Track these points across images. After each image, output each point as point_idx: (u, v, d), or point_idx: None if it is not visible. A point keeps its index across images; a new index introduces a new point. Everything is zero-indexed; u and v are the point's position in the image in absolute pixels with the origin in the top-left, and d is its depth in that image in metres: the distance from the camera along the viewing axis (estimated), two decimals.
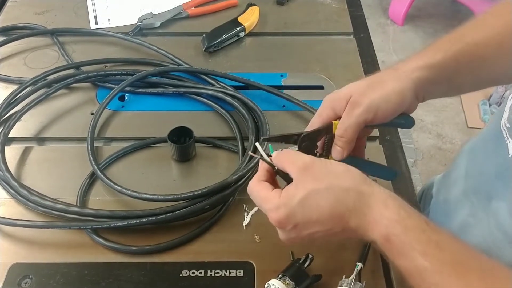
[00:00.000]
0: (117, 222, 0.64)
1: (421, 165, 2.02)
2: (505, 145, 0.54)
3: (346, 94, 0.56)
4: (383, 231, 0.46)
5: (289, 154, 0.52)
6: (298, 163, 0.50)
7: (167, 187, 0.71)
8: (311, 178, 0.49)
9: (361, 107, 0.54)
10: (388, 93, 0.54)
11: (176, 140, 0.74)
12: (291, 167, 0.50)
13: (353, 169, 0.50)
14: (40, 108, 0.81)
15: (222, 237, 0.66)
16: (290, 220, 0.49)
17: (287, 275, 0.58)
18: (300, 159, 0.50)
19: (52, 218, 0.66)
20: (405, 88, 0.55)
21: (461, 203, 0.66)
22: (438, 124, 2.17)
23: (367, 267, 0.61)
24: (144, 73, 0.83)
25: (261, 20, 1.00)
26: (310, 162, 0.50)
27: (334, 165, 0.50)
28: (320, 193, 0.48)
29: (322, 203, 0.48)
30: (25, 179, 0.72)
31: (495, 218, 0.57)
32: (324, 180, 0.48)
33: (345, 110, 0.55)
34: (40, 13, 1.01)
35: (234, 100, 0.80)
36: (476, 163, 0.64)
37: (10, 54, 0.93)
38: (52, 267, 0.62)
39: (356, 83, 0.56)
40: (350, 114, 0.54)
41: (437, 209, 0.75)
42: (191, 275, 0.61)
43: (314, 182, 0.48)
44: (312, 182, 0.48)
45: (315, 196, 0.48)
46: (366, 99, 0.54)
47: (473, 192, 0.63)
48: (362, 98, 0.54)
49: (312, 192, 0.48)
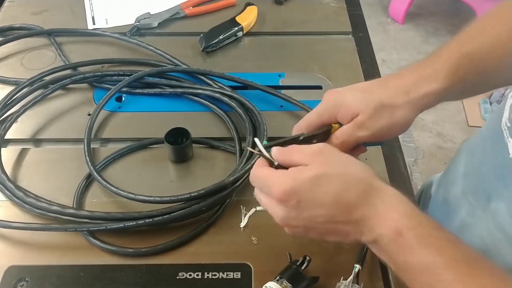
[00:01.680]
0: (113, 224, 0.63)
1: (422, 164, 2.01)
2: (504, 145, 0.54)
3: (354, 109, 0.54)
4: (393, 224, 0.45)
5: (292, 146, 0.50)
6: (307, 150, 0.48)
7: (164, 188, 0.71)
8: (325, 161, 0.47)
9: (366, 132, 0.54)
10: (396, 121, 0.54)
11: (173, 141, 0.73)
12: (300, 155, 0.48)
13: (363, 163, 0.49)
14: (37, 109, 0.81)
15: (219, 239, 0.66)
16: (295, 194, 0.46)
17: (284, 277, 0.57)
18: (307, 147, 0.49)
19: (48, 220, 0.66)
20: (413, 116, 0.55)
21: (460, 203, 0.65)
22: (439, 123, 2.16)
23: (365, 269, 0.61)
24: (141, 74, 0.83)
25: (259, 19, 1.00)
26: (320, 148, 0.49)
27: (345, 155, 0.49)
28: (331, 177, 0.47)
29: (332, 187, 0.46)
30: (22, 181, 0.72)
31: (495, 218, 0.57)
32: (337, 166, 0.47)
33: (348, 124, 0.55)
34: (37, 13, 1.01)
35: (232, 101, 0.80)
36: (475, 162, 0.64)
37: (7, 55, 0.92)
38: (48, 270, 0.61)
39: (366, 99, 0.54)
40: (353, 133, 0.54)
41: (436, 209, 0.75)
42: (188, 277, 0.61)
43: (327, 166, 0.47)
44: (325, 165, 0.47)
45: (326, 179, 0.46)
46: (374, 125, 0.53)
47: (472, 192, 0.63)
48: (370, 122, 0.53)
49: (324, 174, 0.46)
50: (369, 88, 0.56)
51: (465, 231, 0.63)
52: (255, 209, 0.68)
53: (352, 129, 0.54)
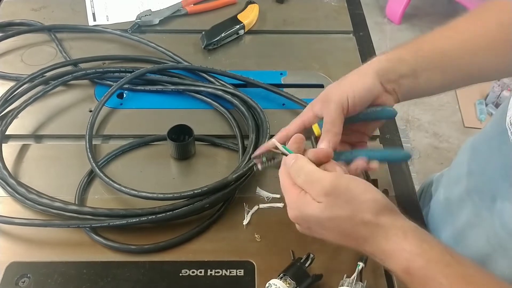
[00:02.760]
0: (116, 221, 0.63)
1: (418, 164, 2.02)
2: (510, 144, 0.54)
3: (321, 96, 0.58)
4: (402, 263, 0.46)
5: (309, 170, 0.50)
6: (319, 186, 0.48)
7: (167, 185, 0.71)
8: (332, 204, 0.47)
9: (332, 102, 0.56)
10: (353, 84, 0.57)
11: (175, 138, 0.73)
12: (314, 186, 0.49)
13: (378, 195, 0.49)
14: (38, 105, 0.80)
15: (222, 236, 0.66)
16: (304, 224, 0.51)
17: (288, 274, 0.57)
18: (322, 179, 0.48)
19: (50, 217, 0.65)
20: (369, 78, 0.57)
21: (463, 202, 0.65)
22: (435, 123, 2.17)
23: (368, 267, 0.61)
24: (143, 71, 0.83)
25: (260, 18, 1.00)
26: (332, 186, 0.48)
27: (359, 189, 0.48)
28: (338, 219, 0.48)
29: (338, 228, 0.49)
30: (23, 177, 0.71)
31: (500, 218, 0.56)
32: (346, 208, 0.47)
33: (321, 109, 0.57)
34: (37, 9, 1.00)
35: (234, 98, 0.80)
36: (479, 161, 0.64)
37: (7, 51, 0.91)
38: (50, 266, 0.61)
39: (329, 86, 0.59)
40: (327, 110, 0.56)
41: (438, 208, 0.75)
42: (191, 275, 0.61)
43: (334, 209, 0.47)
44: (332, 208, 0.47)
45: (333, 221, 0.48)
46: (336, 94, 0.56)
47: (476, 191, 0.63)
48: (332, 95, 0.57)
49: (331, 217, 0.48)
50: None
51: (469, 231, 0.63)
52: (258, 206, 0.68)
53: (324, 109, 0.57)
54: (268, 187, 0.71)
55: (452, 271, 0.44)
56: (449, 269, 0.45)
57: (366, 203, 0.47)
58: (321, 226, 0.49)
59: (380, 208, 0.48)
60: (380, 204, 0.48)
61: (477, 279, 0.44)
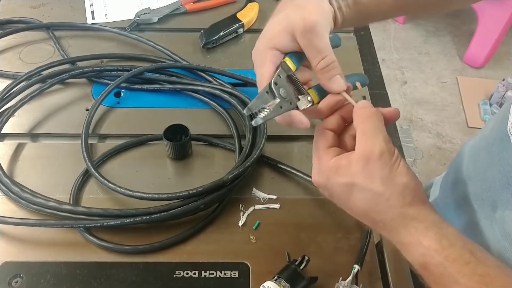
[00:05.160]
0: (110, 221, 0.63)
1: (421, 164, 2.01)
2: (511, 151, 0.52)
3: (285, 28, 0.48)
4: (419, 258, 0.45)
5: (376, 124, 0.46)
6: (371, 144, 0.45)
7: (162, 185, 0.70)
8: (367, 173, 0.45)
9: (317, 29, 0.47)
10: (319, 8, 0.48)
11: (172, 137, 0.72)
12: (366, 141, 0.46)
13: (411, 182, 0.46)
14: (34, 104, 0.80)
15: (217, 237, 0.65)
16: (326, 190, 0.49)
17: (282, 277, 0.57)
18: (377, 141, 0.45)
19: (44, 216, 0.65)
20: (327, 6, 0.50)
21: (461, 209, 0.63)
22: (438, 123, 2.16)
23: (364, 270, 0.60)
24: (141, 69, 0.82)
25: (260, 16, 0.99)
26: (380, 154, 0.45)
27: (399, 171, 0.45)
28: (365, 192, 0.46)
29: (361, 202, 0.46)
30: (18, 176, 0.71)
31: (501, 227, 0.54)
32: (377, 182, 0.45)
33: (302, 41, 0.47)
34: (36, 7, 1.00)
35: (232, 98, 0.79)
36: (479, 168, 0.61)
37: (5, 48, 0.91)
38: (43, 266, 0.61)
39: (279, 16, 0.49)
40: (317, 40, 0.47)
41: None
42: (185, 276, 0.60)
43: (367, 178, 0.45)
44: (365, 177, 0.45)
45: (359, 192, 0.46)
46: (312, 19, 0.47)
47: (474, 198, 0.61)
48: (309, 21, 0.47)
49: (359, 186, 0.45)
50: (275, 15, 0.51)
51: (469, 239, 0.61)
52: (254, 207, 0.68)
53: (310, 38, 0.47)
54: (265, 188, 0.70)
55: (471, 270, 0.43)
56: (467, 267, 0.43)
57: (398, 186, 0.45)
58: (345, 195, 0.47)
59: (409, 195, 0.45)
60: (410, 192, 0.45)
61: (496, 279, 0.42)
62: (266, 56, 0.49)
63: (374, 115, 0.47)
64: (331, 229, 0.65)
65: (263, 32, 0.51)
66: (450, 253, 0.43)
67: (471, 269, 0.43)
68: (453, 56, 2.47)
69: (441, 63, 2.44)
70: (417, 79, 2.36)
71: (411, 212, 0.45)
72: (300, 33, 0.47)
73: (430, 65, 2.43)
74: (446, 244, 0.44)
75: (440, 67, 2.42)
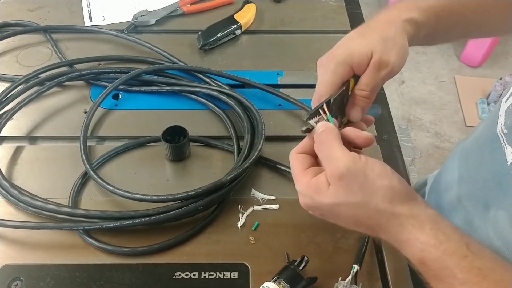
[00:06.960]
0: (109, 223, 0.63)
1: (419, 163, 2.01)
2: (502, 152, 0.52)
3: (367, 51, 0.52)
4: (417, 254, 0.45)
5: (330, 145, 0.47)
6: (333, 166, 0.46)
7: (161, 187, 0.70)
8: (345, 189, 0.46)
9: (386, 68, 0.52)
10: (400, 48, 0.53)
11: (170, 139, 0.72)
12: (331, 164, 0.46)
13: (394, 181, 0.46)
14: (32, 107, 0.80)
15: (216, 239, 0.65)
16: (315, 210, 0.49)
17: (282, 277, 0.57)
18: (337, 159, 0.46)
19: (43, 219, 0.65)
20: (406, 40, 0.54)
21: (454, 210, 0.63)
22: (437, 122, 2.16)
23: (363, 269, 0.60)
24: (139, 71, 0.82)
25: (257, 17, 0.99)
26: (347, 169, 0.45)
27: (374, 173, 0.46)
28: (350, 206, 0.46)
29: (351, 215, 0.47)
30: (17, 179, 0.71)
31: (494, 227, 0.54)
32: (358, 194, 0.45)
33: (369, 69, 0.53)
34: (33, 10, 1.00)
35: (230, 99, 0.79)
36: (470, 168, 0.62)
37: (2, 52, 0.91)
38: (43, 269, 0.61)
39: (370, 40, 0.53)
40: (376, 74, 0.52)
41: None
42: (184, 277, 0.60)
43: (347, 194, 0.46)
44: (345, 194, 0.46)
45: (345, 207, 0.46)
46: (389, 58, 0.52)
47: (467, 199, 0.61)
48: (385, 57, 0.52)
49: (343, 203, 0.46)
50: (363, 32, 0.55)
51: None
52: (253, 208, 0.68)
53: (374, 71, 0.52)
54: (263, 189, 0.70)
55: (468, 263, 0.43)
56: (465, 261, 0.43)
57: (381, 190, 0.45)
58: (334, 213, 0.48)
59: (396, 195, 0.45)
60: (396, 191, 0.46)
61: (494, 272, 0.43)
62: (341, 68, 0.53)
63: (324, 138, 0.48)
64: (330, 229, 0.65)
65: (345, 43, 0.54)
66: (447, 247, 0.44)
67: (469, 262, 0.43)
68: (451, 55, 2.47)
69: (438, 63, 2.44)
70: (415, 79, 2.37)
71: (404, 211, 0.45)
72: (375, 69, 0.52)
73: (428, 64, 2.44)
74: (443, 238, 0.44)
75: (437, 66, 2.43)
